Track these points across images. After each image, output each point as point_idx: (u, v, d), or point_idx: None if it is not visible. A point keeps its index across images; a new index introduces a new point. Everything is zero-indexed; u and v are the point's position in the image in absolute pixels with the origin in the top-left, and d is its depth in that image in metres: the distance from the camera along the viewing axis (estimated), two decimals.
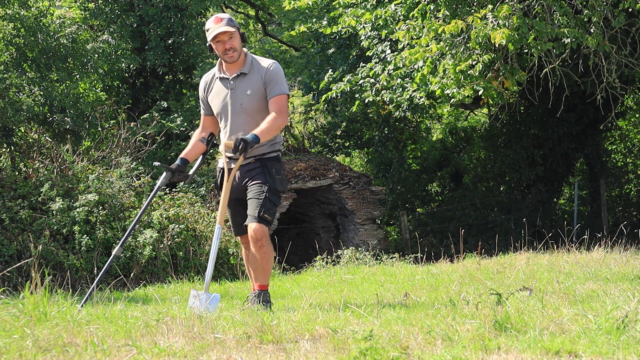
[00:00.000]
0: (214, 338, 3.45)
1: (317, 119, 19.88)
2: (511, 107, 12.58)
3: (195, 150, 4.99)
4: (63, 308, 3.92)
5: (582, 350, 3.07)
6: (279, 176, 4.73)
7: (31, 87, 10.02)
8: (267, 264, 4.66)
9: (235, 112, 4.74)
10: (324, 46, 15.64)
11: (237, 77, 4.75)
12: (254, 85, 4.72)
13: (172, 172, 4.88)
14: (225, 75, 4.80)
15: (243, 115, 4.72)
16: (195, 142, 4.99)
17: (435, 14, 8.26)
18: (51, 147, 10.46)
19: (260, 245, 4.62)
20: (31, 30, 10.08)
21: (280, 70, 4.79)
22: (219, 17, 4.71)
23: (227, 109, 4.77)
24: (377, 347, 3.02)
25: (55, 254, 8.48)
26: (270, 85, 4.71)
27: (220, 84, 4.81)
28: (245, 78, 4.74)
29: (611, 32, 7.86)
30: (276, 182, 4.71)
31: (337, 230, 14.81)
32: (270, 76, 4.72)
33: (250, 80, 4.73)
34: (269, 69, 4.73)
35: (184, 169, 4.93)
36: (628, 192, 17.18)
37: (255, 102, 4.72)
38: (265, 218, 4.62)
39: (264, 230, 4.63)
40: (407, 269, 8.41)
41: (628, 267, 6.78)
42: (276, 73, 4.74)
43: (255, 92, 4.71)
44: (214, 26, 4.67)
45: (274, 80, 4.72)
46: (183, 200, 9.74)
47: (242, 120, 4.72)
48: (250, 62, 4.76)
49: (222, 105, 4.79)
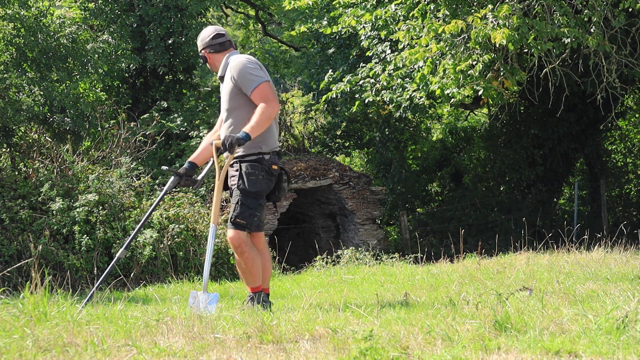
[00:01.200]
0: (214, 338, 3.45)
1: (317, 119, 19.87)
2: (511, 107, 12.57)
3: (205, 153, 4.95)
4: (63, 308, 3.92)
5: (582, 350, 3.07)
6: (253, 177, 4.63)
7: (31, 87, 10.02)
8: (252, 267, 4.63)
9: (223, 112, 4.84)
10: (324, 46, 15.64)
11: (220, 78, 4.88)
12: (227, 87, 4.76)
13: (180, 177, 4.83)
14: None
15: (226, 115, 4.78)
16: (205, 145, 4.95)
17: (435, 14, 8.26)
18: (51, 147, 10.46)
19: (241, 252, 4.60)
20: (31, 30, 10.08)
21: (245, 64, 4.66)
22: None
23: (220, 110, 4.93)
24: (377, 347, 3.02)
25: (55, 254, 8.48)
26: (243, 85, 4.65)
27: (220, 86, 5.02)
28: (223, 80, 4.83)
29: (611, 32, 7.86)
30: (248, 183, 4.61)
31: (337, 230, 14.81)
32: (237, 77, 4.66)
33: (225, 82, 4.79)
34: (233, 67, 4.70)
35: (192, 173, 4.87)
36: (628, 192, 17.18)
37: (230, 102, 4.74)
38: (238, 223, 4.57)
39: (240, 237, 4.58)
40: (407, 269, 8.41)
41: (628, 267, 6.78)
42: (240, 71, 4.65)
43: (227, 91, 4.75)
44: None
45: (242, 78, 4.64)
46: (183, 200, 9.74)
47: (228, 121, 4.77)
48: (225, 65, 4.80)
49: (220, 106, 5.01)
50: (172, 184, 4.85)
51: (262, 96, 4.62)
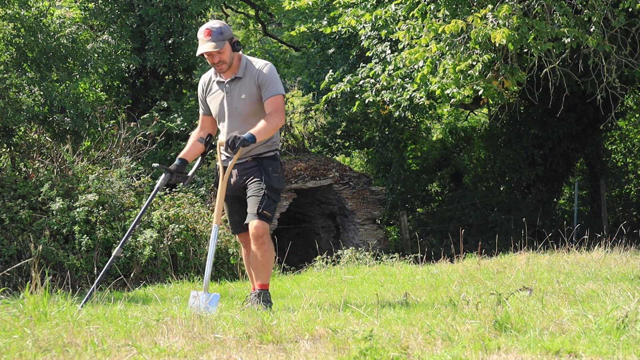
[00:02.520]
0: (214, 338, 3.45)
1: (317, 119, 19.87)
2: (511, 107, 12.57)
3: (194, 150, 4.99)
4: (63, 308, 3.92)
5: (582, 350, 3.07)
6: (275, 174, 4.74)
7: (31, 87, 10.03)
8: (268, 262, 4.66)
9: (232, 115, 4.76)
10: (324, 46, 15.63)
11: (231, 81, 4.75)
12: (248, 89, 4.71)
13: (171, 173, 4.86)
14: (220, 78, 4.81)
15: (239, 119, 4.73)
16: (193, 142, 4.99)
17: (435, 14, 8.26)
18: (51, 147, 10.46)
19: (262, 242, 4.62)
20: (31, 30, 10.08)
21: (274, 71, 4.77)
22: (208, 28, 4.66)
23: (224, 112, 4.79)
24: (377, 347, 3.02)
25: (55, 254, 8.48)
26: (264, 87, 4.70)
27: (217, 87, 4.82)
28: (239, 82, 4.73)
29: (611, 32, 7.86)
30: (273, 180, 4.71)
31: (337, 230, 14.81)
32: (263, 79, 4.69)
33: (244, 84, 4.72)
34: (261, 72, 4.70)
35: (183, 169, 4.92)
36: (628, 192, 17.18)
37: (250, 106, 4.72)
38: (264, 215, 4.63)
39: (265, 228, 4.63)
40: (407, 269, 8.41)
41: (628, 267, 6.78)
42: (269, 75, 4.71)
43: (250, 96, 4.71)
44: (202, 40, 4.67)
45: (267, 82, 4.69)
46: (183, 200, 9.74)
47: (238, 124, 4.73)
48: (244, 66, 4.75)
49: (219, 108, 4.82)
50: (164, 181, 4.88)
51: (276, 106, 4.69)
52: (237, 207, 4.86)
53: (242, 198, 4.81)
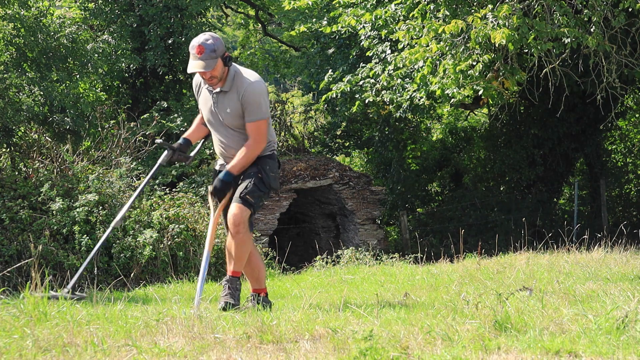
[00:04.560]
0: (214, 338, 3.45)
1: (317, 119, 19.88)
2: (511, 107, 12.57)
3: (198, 132, 4.98)
4: (63, 308, 3.92)
5: (582, 350, 3.07)
6: (272, 173, 4.71)
7: (31, 87, 10.03)
8: (241, 253, 4.61)
9: (218, 124, 4.74)
10: (324, 46, 15.64)
11: (219, 92, 4.67)
12: (232, 105, 4.64)
13: (174, 151, 4.83)
14: (209, 87, 4.73)
15: (225, 129, 4.71)
16: (198, 124, 4.98)
17: (435, 14, 8.26)
18: (51, 147, 10.46)
19: (237, 231, 4.56)
20: (31, 30, 10.08)
21: (259, 90, 4.62)
22: (201, 45, 4.52)
23: (211, 119, 4.77)
24: (377, 347, 3.02)
25: (55, 254, 8.48)
26: (246, 110, 4.60)
27: (207, 94, 4.75)
28: (225, 96, 4.65)
29: (611, 32, 7.85)
30: (269, 177, 4.68)
31: (337, 230, 14.81)
32: (246, 101, 4.59)
33: (230, 99, 4.64)
34: (246, 92, 4.59)
35: (185, 149, 4.88)
36: (628, 192, 17.18)
37: (235, 120, 4.66)
38: (247, 199, 4.57)
39: (244, 216, 4.56)
40: (407, 269, 8.41)
41: (628, 267, 6.78)
42: (254, 97, 4.58)
43: (234, 111, 4.64)
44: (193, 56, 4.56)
45: (251, 105, 4.59)
46: (183, 200, 9.74)
47: (225, 133, 4.73)
48: (232, 80, 4.63)
49: (208, 114, 4.78)
50: (167, 158, 4.83)
51: (257, 133, 4.62)
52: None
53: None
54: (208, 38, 4.59)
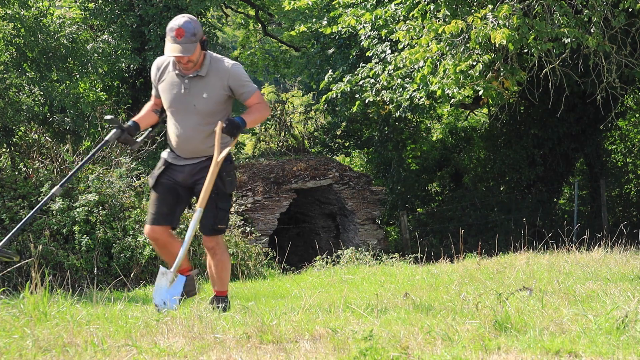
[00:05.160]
0: (214, 338, 3.45)
1: (317, 119, 19.88)
2: (511, 107, 12.57)
3: (148, 119, 4.74)
4: (63, 308, 3.92)
5: (582, 350, 3.07)
6: (229, 178, 4.58)
7: (31, 87, 10.03)
8: (222, 271, 4.65)
9: (188, 111, 4.54)
10: (324, 46, 15.64)
11: (193, 77, 4.52)
12: (212, 90, 4.51)
13: (122, 131, 4.58)
14: (179, 71, 4.55)
15: (195, 116, 4.53)
16: (148, 111, 4.74)
17: (435, 14, 8.25)
18: (51, 147, 10.46)
19: (214, 253, 4.62)
20: (31, 30, 10.08)
21: (242, 69, 4.63)
22: (181, 28, 4.37)
23: (178, 106, 4.57)
24: (377, 347, 3.02)
25: (55, 254, 8.48)
26: (240, 89, 4.55)
27: (175, 79, 4.56)
28: (202, 80, 4.52)
29: (611, 32, 7.85)
30: (226, 184, 4.55)
31: (337, 230, 14.81)
32: (236, 81, 4.53)
33: (208, 84, 4.52)
34: (232, 73, 4.53)
35: (134, 133, 4.64)
36: (628, 192, 17.18)
37: (210, 106, 4.52)
38: (219, 229, 4.59)
39: (219, 240, 4.62)
40: (407, 269, 8.41)
41: (628, 267, 6.78)
42: (241, 75, 4.56)
43: (212, 96, 4.52)
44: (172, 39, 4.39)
45: (242, 81, 4.55)
46: None
47: (193, 120, 4.54)
48: (208, 64, 4.52)
49: (173, 100, 4.58)
50: (114, 136, 4.57)
51: (261, 99, 4.64)
52: (170, 200, 4.65)
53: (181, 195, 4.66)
54: (188, 20, 4.44)
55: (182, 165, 4.62)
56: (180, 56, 4.40)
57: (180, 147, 4.60)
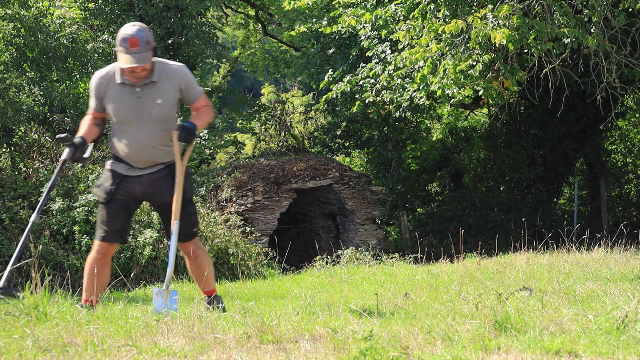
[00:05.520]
0: (214, 338, 3.45)
1: (317, 119, 19.87)
2: (511, 107, 12.57)
3: (92, 133, 4.58)
4: (63, 308, 3.92)
5: (582, 350, 3.07)
6: (188, 183, 4.54)
7: (31, 87, 10.03)
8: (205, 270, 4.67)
9: (142, 120, 4.40)
10: (324, 46, 15.64)
11: (144, 85, 4.39)
12: (165, 94, 4.43)
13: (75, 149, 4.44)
14: (127, 81, 4.39)
15: (149, 125, 4.41)
16: (89, 125, 4.56)
17: (436, 14, 8.25)
18: (51, 147, 10.47)
19: (195, 255, 4.65)
20: (31, 30, 10.09)
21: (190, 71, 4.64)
22: (135, 37, 4.24)
23: (130, 117, 4.42)
24: (377, 347, 3.02)
25: (55, 254, 8.48)
26: (190, 90, 4.51)
27: (122, 90, 4.42)
28: (154, 86, 4.40)
29: (611, 32, 7.85)
30: (187, 190, 4.51)
31: (337, 230, 14.81)
32: (186, 82, 4.49)
33: (161, 89, 4.42)
34: (182, 74, 4.49)
35: (84, 149, 4.52)
36: (628, 192, 17.18)
37: (165, 111, 4.44)
38: (194, 233, 4.62)
39: (195, 242, 4.65)
40: (407, 269, 8.41)
41: (628, 267, 6.78)
42: (189, 76, 4.54)
43: (167, 100, 4.43)
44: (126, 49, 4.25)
45: (191, 83, 4.53)
46: None
47: (148, 129, 4.41)
48: (158, 69, 4.42)
49: (125, 112, 4.42)
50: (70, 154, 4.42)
51: (208, 102, 4.65)
52: (123, 216, 4.55)
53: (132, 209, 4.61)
54: (140, 29, 4.32)
55: (139, 175, 4.49)
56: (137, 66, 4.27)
57: (137, 158, 4.46)
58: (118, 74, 4.42)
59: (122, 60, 4.28)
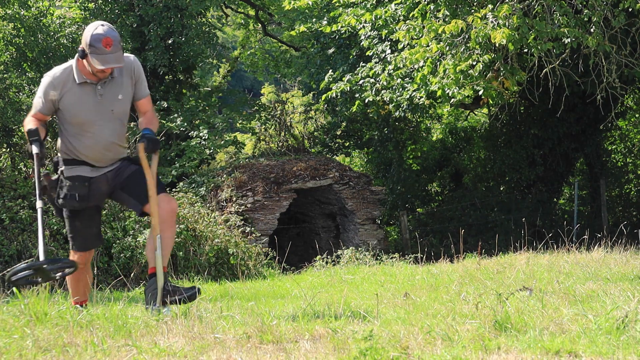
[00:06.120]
0: (214, 338, 3.45)
1: (317, 119, 19.88)
2: (511, 107, 12.57)
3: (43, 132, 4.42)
4: (63, 308, 3.92)
5: (582, 350, 3.07)
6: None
7: (31, 87, 10.03)
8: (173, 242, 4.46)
9: (104, 119, 4.29)
10: (324, 46, 15.64)
11: (105, 82, 4.27)
12: (125, 88, 4.33)
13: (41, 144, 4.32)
14: (86, 80, 4.24)
15: (112, 123, 4.31)
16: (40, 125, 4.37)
17: (435, 14, 8.26)
18: (51, 147, 10.46)
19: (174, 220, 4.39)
20: (31, 30, 10.10)
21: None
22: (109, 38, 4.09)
23: (92, 117, 4.26)
24: (377, 347, 3.02)
25: (55, 254, 8.48)
26: (142, 82, 4.40)
27: (82, 91, 4.25)
28: (114, 82, 4.29)
29: (611, 32, 7.85)
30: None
31: (337, 230, 14.81)
32: (139, 73, 4.36)
33: (121, 84, 4.32)
34: (135, 65, 4.36)
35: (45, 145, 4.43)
36: (628, 192, 17.18)
37: (126, 106, 4.35)
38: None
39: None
40: (407, 269, 8.41)
41: (628, 267, 6.78)
42: (141, 68, 4.40)
43: (126, 94, 4.34)
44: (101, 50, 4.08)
45: (143, 77, 4.40)
46: (183, 200, 9.74)
47: (111, 127, 4.31)
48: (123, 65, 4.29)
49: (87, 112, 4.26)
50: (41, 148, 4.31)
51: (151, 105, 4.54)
52: (97, 219, 4.50)
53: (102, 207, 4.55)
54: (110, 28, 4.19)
55: (102, 174, 4.40)
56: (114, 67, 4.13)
57: (102, 157, 4.35)
58: (77, 74, 4.24)
59: (94, 62, 4.10)
